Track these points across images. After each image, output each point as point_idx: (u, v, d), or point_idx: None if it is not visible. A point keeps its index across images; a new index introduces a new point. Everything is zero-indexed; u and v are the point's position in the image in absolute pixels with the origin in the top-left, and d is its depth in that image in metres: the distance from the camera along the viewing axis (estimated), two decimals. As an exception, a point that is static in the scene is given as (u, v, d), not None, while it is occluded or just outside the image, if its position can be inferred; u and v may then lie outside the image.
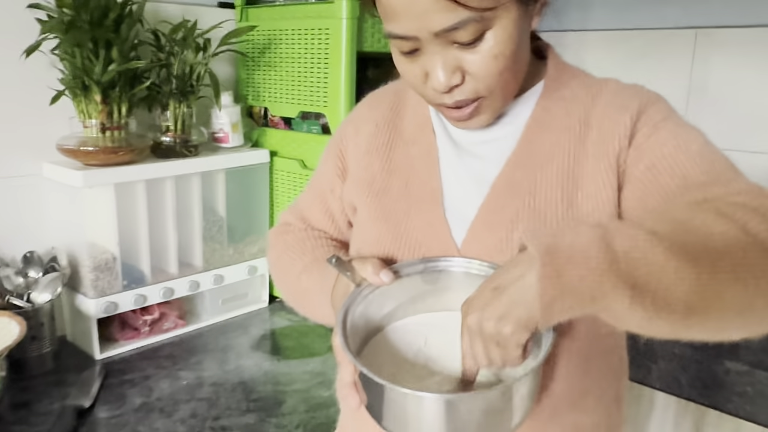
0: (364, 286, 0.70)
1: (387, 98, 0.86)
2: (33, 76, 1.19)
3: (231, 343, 1.30)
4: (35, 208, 1.26)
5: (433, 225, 0.76)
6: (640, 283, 0.53)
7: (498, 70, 0.66)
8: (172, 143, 1.31)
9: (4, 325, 1.06)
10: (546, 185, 0.72)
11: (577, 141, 0.73)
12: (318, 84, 1.34)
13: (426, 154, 0.79)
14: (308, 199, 0.91)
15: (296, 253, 0.85)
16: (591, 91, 0.75)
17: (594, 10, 2.06)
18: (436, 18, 0.62)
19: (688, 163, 0.66)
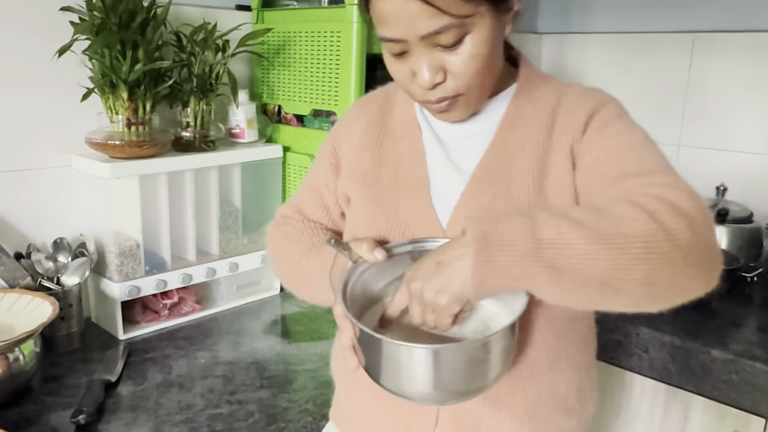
0: (360, 263, 0.80)
1: (377, 100, 0.96)
2: (65, 74, 1.28)
3: (245, 327, 1.39)
4: (65, 197, 1.34)
5: (421, 209, 0.86)
6: (559, 265, 0.64)
7: (475, 69, 0.77)
8: (191, 138, 1.39)
9: (38, 305, 1.15)
10: (519, 173, 0.83)
11: (545, 134, 0.84)
12: (329, 83, 1.42)
13: (413, 148, 0.89)
14: (304, 194, 1.01)
15: (295, 240, 0.95)
16: (557, 93, 0.86)
17: (595, 14, 2.12)
18: (423, 23, 0.73)
19: (626, 155, 0.77)
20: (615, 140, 0.79)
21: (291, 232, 0.96)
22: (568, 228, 0.65)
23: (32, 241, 1.31)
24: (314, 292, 0.92)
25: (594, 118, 0.82)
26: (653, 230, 0.65)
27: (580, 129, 0.82)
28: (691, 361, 1.34)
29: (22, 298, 1.16)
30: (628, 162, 0.76)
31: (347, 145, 0.94)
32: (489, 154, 0.85)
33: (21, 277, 1.22)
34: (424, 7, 0.72)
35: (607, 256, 0.64)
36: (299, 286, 0.96)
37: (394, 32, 0.75)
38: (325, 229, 0.97)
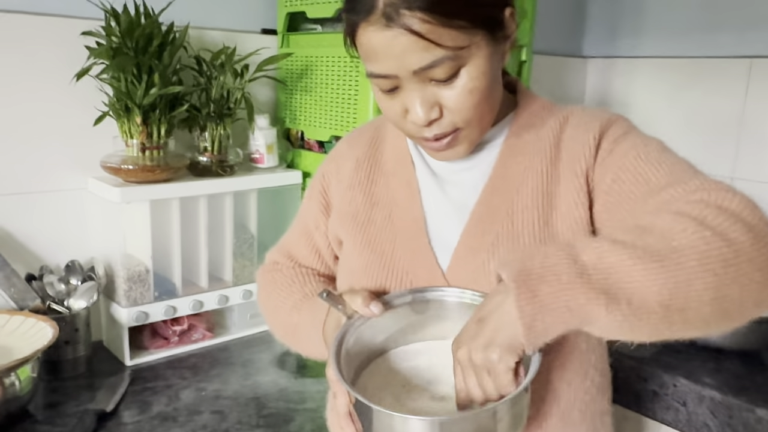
0: (355, 318, 0.73)
1: (367, 134, 0.91)
2: (83, 97, 1.28)
3: (253, 358, 1.35)
4: (80, 219, 1.35)
5: (418, 253, 0.79)
6: (613, 290, 0.57)
7: (473, 103, 0.71)
8: (208, 163, 1.38)
9: (40, 329, 1.14)
10: (522, 208, 0.76)
11: (549, 163, 0.77)
12: (348, 109, 1.37)
13: (406, 185, 0.83)
14: (294, 237, 0.95)
15: (286, 290, 0.89)
16: (559, 118, 0.80)
17: (644, 37, 2.02)
18: (414, 57, 0.67)
19: (649, 169, 0.70)
20: (633, 155, 0.72)
21: (281, 281, 0.91)
22: (611, 250, 0.58)
23: (46, 263, 1.31)
24: (308, 346, 0.86)
25: (604, 139, 0.75)
26: (707, 238, 0.58)
27: (591, 154, 0.75)
28: (733, 419, 1.22)
29: (26, 321, 1.16)
30: (655, 176, 0.69)
31: (336, 184, 0.89)
32: (489, 189, 0.79)
33: (30, 299, 1.22)
34: (416, 41, 0.66)
35: (663, 274, 0.57)
36: (292, 340, 0.89)
37: (384, 68, 0.69)
38: (318, 275, 0.92)
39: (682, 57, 1.94)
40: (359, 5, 0.69)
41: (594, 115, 0.79)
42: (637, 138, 0.74)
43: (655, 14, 1.98)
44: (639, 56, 2.04)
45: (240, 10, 1.51)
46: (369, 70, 0.72)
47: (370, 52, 0.70)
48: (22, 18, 1.22)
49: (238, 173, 1.42)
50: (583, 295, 0.57)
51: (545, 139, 0.79)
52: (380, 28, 0.67)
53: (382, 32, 0.67)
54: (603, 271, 0.57)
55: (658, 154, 0.72)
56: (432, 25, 0.65)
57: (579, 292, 0.57)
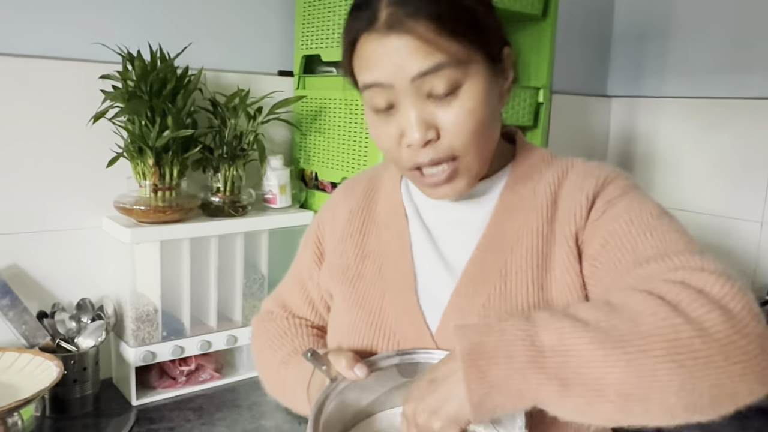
0: (339, 380, 0.71)
1: (361, 185, 0.89)
2: (98, 139, 1.31)
3: (259, 401, 1.33)
4: (94, 258, 1.37)
5: (406, 312, 0.76)
6: (568, 377, 0.54)
7: (472, 127, 0.69)
8: (221, 204, 1.39)
9: (47, 368, 1.15)
10: (516, 268, 0.73)
11: (545, 222, 0.74)
12: (359, 152, 1.37)
13: (398, 239, 0.81)
14: (288, 286, 0.94)
15: (277, 343, 0.87)
16: (558, 172, 0.77)
17: (670, 77, 1.98)
18: (414, 63, 0.66)
19: (639, 236, 0.66)
20: (624, 220, 0.68)
21: (273, 332, 0.90)
22: (573, 331, 0.56)
23: (58, 300, 1.33)
24: (294, 403, 0.84)
25: (598, 199, 0.72)
26: (677, 325, 0.54)
27: (582, 216, 0.71)
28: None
29: (34, 359, 1.17)
30: (643, 244, 0.65)
31: (330, 234, 0.88)
32: (482, 248, 0.75)
33: (41, 337, 1.24)
34: (417, 45, 0.65)
35: (624, 361, 0.53)
36: (280, 395, 0.88)
37: (381, 75, 0.68)
38: (311, 327, 0.90)
39: (708, 98, 1.89)
40: (362, 17, 0.69)
41: (592, 172, 0.75)
42: (633, 201, 0.70)
43: (681, 54, 1.95)
44: (664, 96, 2.00)
45: (258, 52, 1.54)
46: (364, 81, 0.70)
47: (369, 59, 0.69)
48: (43, 62, 1.26)
49: (251, 213, 1.43)
50: (534, 380, 0.55)
51: (542, 195, 0.75)
52: (382, 35, 0.67)
53: (383, 39, 0.67)
54: (561, 354, 0.55)
55: (652, 219, 0.67)
56: (434, 32, 0.66)
57: (531, 376, 0.55)
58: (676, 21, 1.96)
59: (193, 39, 1.38)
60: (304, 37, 1.50)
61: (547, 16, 1.53)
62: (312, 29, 1.48)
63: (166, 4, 1.40)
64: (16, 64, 1.24)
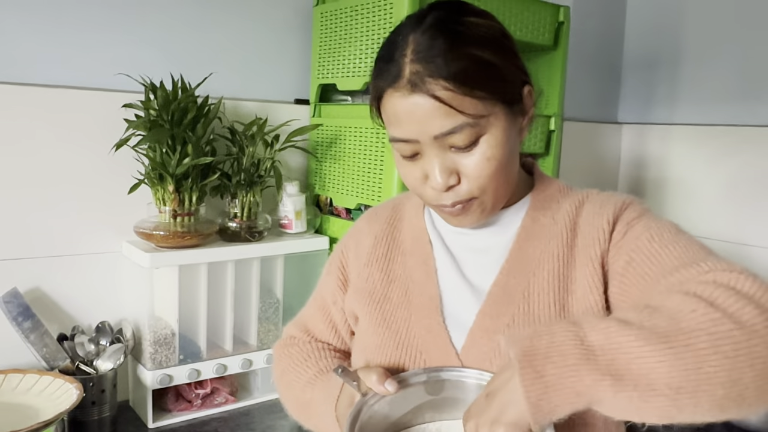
0: (369, 396, 0.73)
1: (385, 213, 0.92)
2: (122, 166, 1.35)
3: (274, 424, 1.35)
4: (114, 282, 1.39)
5: (432, 332, 0.79)
6: (620, 372, 0.56)
7: (491, 172, 0.73)
8: (238, 229, 1.41)
9: (67, 390, 1.17)
10: (539, 290, 0.77)
11: (566, 247, 0.78)
12: (374, 179, 1.40)
13: (423, 264, 0.84)
14: (311, 311, 0.96)
15: (301, 366, 0.89)
16: (575, 202, 0.81)
17: (681, 105, 2.00)
18: (436, 123, 0.70)
19: (662, 250, 0.70)
20: (646, 237, 0.72)
21: (297, 356, 0.91)
22: (618, 330, 0.58)
23: (78, 323, 1.36)
24: (319, 424, 0.85)
25: (618, 222, 0.76)
26: (716, 320, 0.57)
27: (605, 239, 0.75)
28: None
29: (54, 381, 1.19)
30: (668, 256, 0.69)
31: (354, 260, 0.91)
32: (505, 271, 0.79)
33: (61, 359, 1.26)
34: (438, 107, 0.70)
35: (671, 356, 0.56)
36: (304, 416, 0.89)
37: (406, 132, 0.73)
38: (334, 351, 0.92)
39: (719, 125, 1.91)
40: (387, 72, 0.73)
41: (608, 200, 0.79)
42: (650, 221, 0.75)
43: (691, 82, 1.97)
44: (675, 123, 2.02)
45: (275, 82, 1.58)
46: (392, 135, 0.75)
47: (394, 117, 0.73)
48: (68, 92, 1.31)
49: (267, 238, 1.46)
50: (589, 377, 0.57)
51: (561, 223, 0.80)
52: (405, 94, 0.71)
53: (407, 98, 0.71)
54: (610, 352, 0.57)
55: (672, 235, 0.72)
56: (454, 93, 0.69)
57: (585, 373, 0.57)
58: (685, 49, 1.98)
59: (212, 69, 1.42)
60: (320, 66, 1.54)
61: (558, 46, 1.56)
62: (328, 59, 1.52)
63: (187, 37, 1.45)
64: (43, 94, 1.28)
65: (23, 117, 1.27)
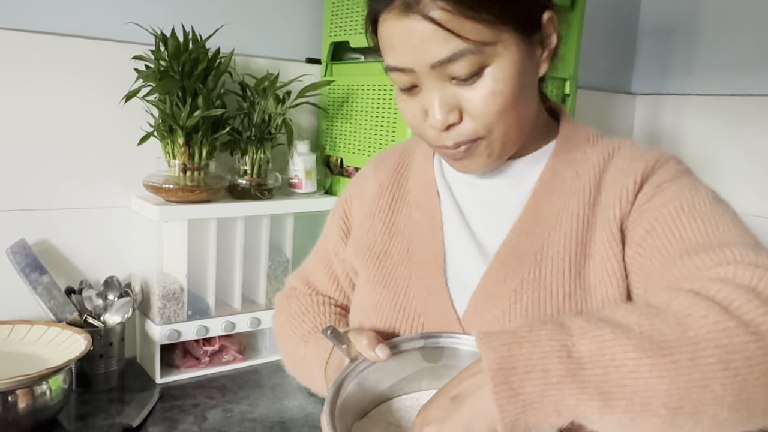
0: (359, 361, 0.67)
1: (392, 160, 0.86)
2: (130, 119, 1.33)
3: (282, 383, 1.34)
4: (122, 237, 1.38)
5: (433, 294, 0.73)
6: (610, 390, 0.49)
7: (497, 109, 0.65)
8: (247, 186, 1.40)
9: (75, 341, 1.16)
10: (553, 254, 0.69)
11: (587, 205, 0.70)
12: (386, 137, 1.38)
13: (429, 218, 0.78)
14: (314, 262, 0.91)
15: (298, 320, 0.85)
16: (603, 153, 0.72)
17: (696, 75, 1.97)
18: (432, 49, 0.63)
19: (689, 223, 0.62)
20: (674, 205, 0.64)
21: (295, 309, 0.87)
22: (614, 338, 0.50)
23: (86, 277, 1.34)
24: (312, 382, 0.80)
25: (646, 183, 0.67)
26: (730, 329, 0.49)
27: (628, 200, 0.67)
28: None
29: (62, 333, 1.18)
30: (693, 231, 0.61)
31: (358, 209, 0.85)
32: (517, 230, 0.71)
33: (68, 312, 1.25)
34: (435, 30, 0.61)
35: (673, 371, 0.48)
36: (298, 373, 0.85)
37: (401, 60, 0.65)
38: (335, 306, 0.87)
39: (735, 95, 1.88)
40: None
41: (641, 155, 0.70)
42: (684, 186, 0.66)
43: (707, 51, 1.94)
44: (690, 94, 1.99)
45: (286, 39, 1.55)
46: (387, 63, 0.68)
47: (388, 42, 0.66)
48: (77, 41, 1.28)
49: (276, 197, 1.44)
50: (573, 397, 0.49)
51: (585, 178, 0.71)
52: (399, 15, 0.63)
53: (401, 21, 0.63)
54: (601, 365, 0.49)
55: (704, 206, 0.63)
56: (453, 15, 0.61)
57: (569, 392, 0.49)
58: (702, 17, 1.95)
59: (223, 23, 1.40)
60: (332, 23, 1.51)
61: (576, 6, 1.52)
62: (340, 15, 1.49)
63: (198, -11, 1.42)
64: (52, 43, 1.26)
65: (33, 66, 1.24)
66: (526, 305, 0.67)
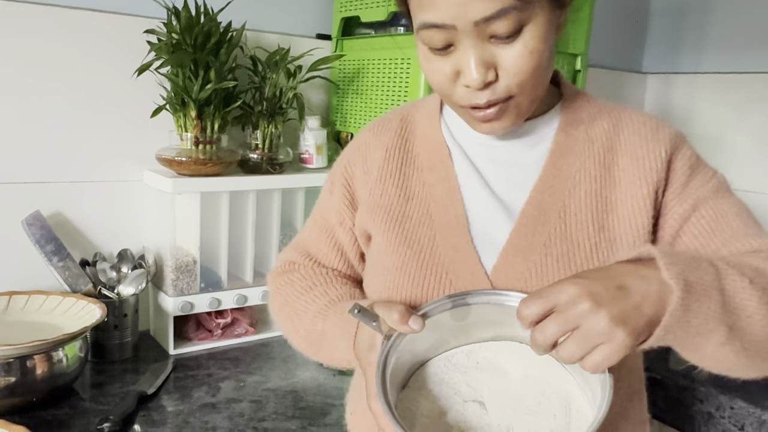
0: (394, 336, 0.66)
1: (392, 125, 0.85)
2: (142, 93, 1.34)
3: (294, 355, 1.35)
4: (135, 210, 1.39)
5: (460, 251, 0.74)
6: (737, 327, 0.60)
7: (532, 67, 0.66)
8: (259, 160, 1.40)
9: (90, 311, 1.17)
10: (576, 210, 0.73)
11: (602, 167, 0.75)
12: (398, 111, 1.38)
13: (445, 181, 0.78)
14: (312, 235, 0.89)
15: (308, 294, 0.82)
16: (611, 119, 0.78)
17: (708, 53, 1.96)
18: (478, 5, 0.62)
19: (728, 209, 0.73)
20: (710, 190, 0.74)
21: (300, 283, 0.84)
22: (747, 288, 0.61)
23: (100, 250, 1.36)
24: (332, 356, 0.79)
25: (675, 157, 0.74)
26: None
27: (662, 168, 0.74)
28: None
29: (78, 303, 1.20)
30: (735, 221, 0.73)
31: (363, 176, 0.83)
32: (539, 189, 0.74)
33: (83, 284, 1.26)
34: None
35: None
36: (314, 348, 0.82)
37: (442, 16, 0.64)
38: (342, 277, 0.86)
39: (747, 73, 1.87)
40: None
41: (657, 123, 0.77)
42: (706, 169, 0.76)
43: (719, 29, 1.93)
44: (701, 72, 1.98)
45: (296, 14, 1.55)
46: (423, 20, 0.66)
47: None
48: (90, 15, 1.29)
49: (287, 172, 1.44)
50: (713, 324, 0.59)
51: (597, 141, 0.76)
52: None
53: None
54: (737, 309, 0.60)
55: (729, 193, 0.75)
56: None
57: (713, 323, 0.59)
58: (715, -6, 1.93)
59: (234, -3, 1.40)
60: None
61: (588, -19, 1.52)
62: (351, -9, 1.49)
63: (209, -37, 1.42)
64: (65, 16, 1.26)
65: (46, 39, 1.25)
66: (556, 257, 0.71)
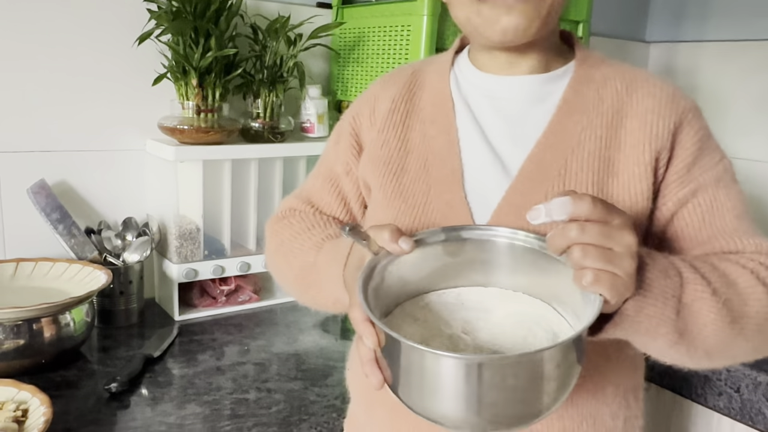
0: (381, 255, 0.66)
1: (402, 78, 0.85)
2: (145, 61, 1.34)
3: (298, 321, 1.37)
4: (139, 179, 1.40)
5: (453, 207, 0.74)
6: (687, 332, 0.62)
7: None
8: (260, 129, 1.41)
9: (96, 277, 1.19)
10: (577, 169, 0.72)
11: (610, 128, 0.73)
12: (398, 79, 1.38)
13: (445, 133, 0.78)
14: (316, 183, 0.89)
15: (305, 233, 0.82)
16: (624, 81, 0.75)
17: (711, 21, 1.94)
18: None
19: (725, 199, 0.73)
20: (712, 177, 0.73)
21: (300, 225, 0.84)
22: (707, 299, 0.62)
23: (104, 219, 1.37)
24: (322, 289, 0.78)
25: (685, 129, 0.73)
26: None
27: (667, 138, 0.72)
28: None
29: (84, 269, 1.22)
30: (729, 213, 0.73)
31: (369, 126, 0.83)
32: (541, 145, 0.73)
33: (89, 251, 1.28)
34: None
35: (728, 333, 0.63)
36: (303, 285, 0.82)
37: None
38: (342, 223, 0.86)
39: (751, 40, 1.86)
40: None
41: (671, 92, 0.75)
42: (714, 152, 0.74)
43: (724, -5, 1.91)
44: (705, 40, 1.97)
45: (297, -17, 1.55)
46: None
47: None
48: (91, -17, 1.29)
49: (289, 141, 1.45)
50: (664, 329, 0.61)
51: (607, 101, 0.74)
52: None
53: None
54: (691, 317, 0.61)
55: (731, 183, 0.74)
56: None
57: (665, 328, 0.61)
58: (719, -39, 1.92)
59: (234, -35, 1.39)
60: (343, -33, 1.51)
61: (590, -54, 1.51)
62: (351, -42, 1.48)
63: (209, -70, 1.41)
64: (65, -16, 1.26)
65: (46, 8, 1.25)
66: None
